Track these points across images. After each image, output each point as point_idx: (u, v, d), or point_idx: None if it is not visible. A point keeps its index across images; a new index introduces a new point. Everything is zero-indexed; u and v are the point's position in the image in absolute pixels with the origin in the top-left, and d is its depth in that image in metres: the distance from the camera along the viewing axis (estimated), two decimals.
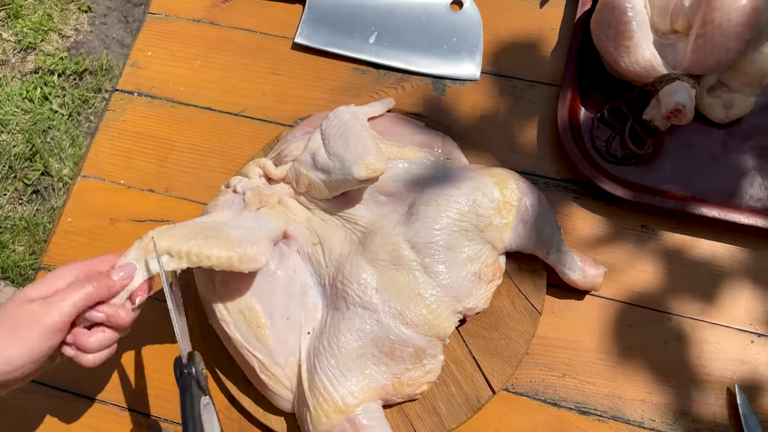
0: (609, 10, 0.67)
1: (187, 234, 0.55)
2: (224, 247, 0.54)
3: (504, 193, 0.62)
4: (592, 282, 0.64)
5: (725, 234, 0.66)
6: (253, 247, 0.55)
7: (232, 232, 0.56)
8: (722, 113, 0.68)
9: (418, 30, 0.77)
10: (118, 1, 2.00)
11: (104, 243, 0.72)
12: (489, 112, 0.74)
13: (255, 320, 0.60)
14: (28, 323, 0.49)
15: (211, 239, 0.55)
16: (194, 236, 0.55)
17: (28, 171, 1.77)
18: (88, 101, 1.84)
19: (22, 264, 1.65)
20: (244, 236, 0.56)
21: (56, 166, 1.76)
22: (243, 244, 0.55)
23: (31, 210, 1.72)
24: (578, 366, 0.63)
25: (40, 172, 1.76)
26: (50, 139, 1.79)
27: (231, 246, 0.55)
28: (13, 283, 1.64)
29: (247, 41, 0.80)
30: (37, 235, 1.69)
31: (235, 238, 0.55)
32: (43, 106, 1.83)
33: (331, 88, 0.77)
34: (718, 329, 0.63)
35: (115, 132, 0.78)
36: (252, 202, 0.62)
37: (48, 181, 1.76)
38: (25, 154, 1.77)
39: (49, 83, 1.85)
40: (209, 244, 0.54)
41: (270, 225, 0.60)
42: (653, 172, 0.69)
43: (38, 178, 1.75)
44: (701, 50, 0.63)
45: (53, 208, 1.72)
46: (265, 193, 0.64)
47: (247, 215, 0.61)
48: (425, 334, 0.59)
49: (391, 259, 0.60)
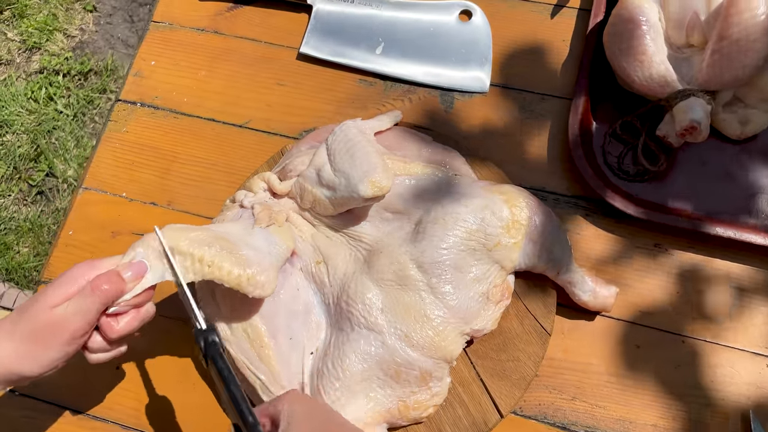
0: (622, 23, 0.65)
1: (204, 239, 0.54)
2: (236, 265, 0.53)
3: (513, 212, 0.60)
4: (603, 303, 0.62)
5: (740, 254, 0.64)
6: (263, 273, 0.54)
7: (244, 251, 0.55)
8: (738, 129, 0.66)
9: (426, 41, 0.76)
10: (124, 1, 1.99)
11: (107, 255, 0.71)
12: (498, 126, 0.72)
13: (258, 340, 0.58)
14: (54, 330, 0.49)
15: (225, 252, 0.54)
16: (210, 244, 0.54)
17: (32, 172, 1.76)
18: (93, 102, 1.83)
19: (27, 266, 1.64)
20: (256, 258, 0.55)
21: (61, 167, 1.75)
22: (254, 266, 0.54)
23: (36, 211, 1.71)
24: (588, 389, 0.62)
25: (44, 173, 1.75)
26: (55, 139, 1.79)
27: (243, 265, 0.54)
28: (18, 285, 1.63)
29: (251, 51, 0.79)
30: (42, 237, 1.68)
31: (247, 258, 0.54)
32: (47, 107, 1.82)
33: (336, 100, 0.75)
34: (732, 352, 0.62)
35: (118, 143, 0.76)
36: (262, 218, 0.61)
37: (52, 182, 1.75)
38: (29, 155, 1.77)
39: (54, 83, 1.85)
40: (222, 256, 0.53)
41: (279, 249, 0.59)
42: (666, 189, 0.67)
43: (43, 179, 1.75)
44: (717, 66, 0.61)
45: (58, 209, 1.72)
46: (274, 210, 0.63)
47: (257, 233, 0.59)
48: (432, 357, 0.58)
49: (397, 278, 0.59)
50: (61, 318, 0.49)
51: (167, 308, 0.68)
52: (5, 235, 1.68)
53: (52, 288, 0.51)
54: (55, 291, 0.51)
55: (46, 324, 0.49)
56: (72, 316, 0.50)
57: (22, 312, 0.50)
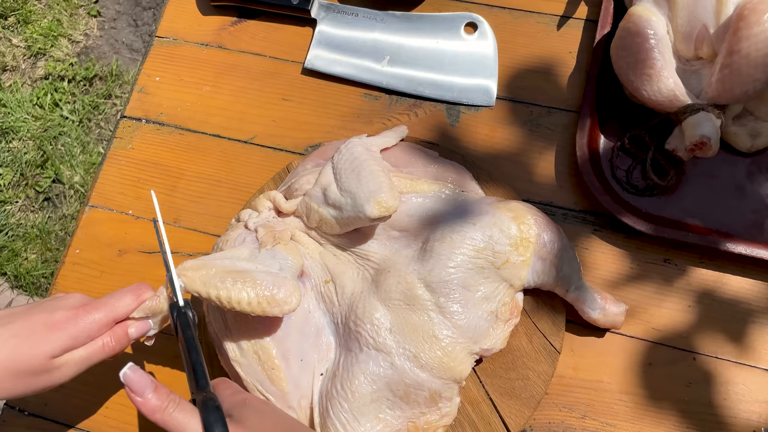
0: (630, 37, 0.65)
1: (216, 275, 0.54)
2: (253, 293, 0.54)
3: (521, 229, 0.60)
4: (613, 320, 0.62)
5: (752, 269, 0.64)
6: (282, 291, 0.54)
7: (257, 276, 0.55)
8: (748, 142, 0.66)
9: (432, 54, 0.75)
10: (128, 5, 1.99)
11: (113, 275, 0.71)
12: (505, 140, 0.72)
13: (269, 362, 0.58)
14: (44, 377, 0.50)
15: (239, 284, 0.54)
16: (223, 280, 0.54)
17: (39, 178, 1.77)
18: (99, 107, 1.83)
19: (35, 273, 1.65)
20: (270, 279, 0.55)
21: (67, 173, 1.76)
22: (270, 288, 0.54)
23: (43, 217, 1.72)
24: (599, 407, 0.62)
25: (51, 180, 1.75)
26: (61, 145, 1.79)
27: (259, 291, 0.54)
28: (26, 292, 1.64)
29: (256, 66, 0.78)
30: (49, 243, 1.69)
31: (262, 282, 0.55)
32: (53, 113, 1.83)
33: (341, 115, 0.75)
34: (744, 369, 0.61)
35: (123, 160, 0.76)
36: (266, 240, 0.61)
37: (59, 188, 1.76)
38: (36, 161, 1.77)
39: (60, 89, 1.85)
40: (237, 289, 0.54)
41: (290, 263, 0.59)
42: (676, 204, 0.66)
43: (50, 186, 1.75)
44: (727, 80, 0.60)
45: (65, 215, 1.72)
46: (277, 230, 0.62)
47: (265, 255, 0.59)
48: (441, 377, 0.58)
49: (404, 298, 0.59)
50: (57, 370, 0.51)
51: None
52: (13, 242, 1.69)
53: (53, 336, 0.50)
54: (55, 342, 0.50)
55: (38, 370, 0.50)
56: (70, 369, 0.51)
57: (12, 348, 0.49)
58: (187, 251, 0.71)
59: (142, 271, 0.71)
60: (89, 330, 0.52)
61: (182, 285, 0.54)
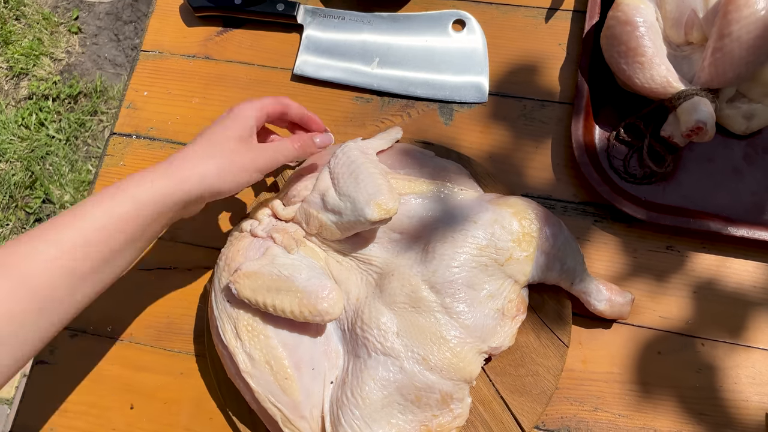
0: (620, 26, 0.64)
1: (263, 284, 0.57)
2: (296, 301, 0.56)
3: (523, 224, 0.60)
4: (619, 311, 0.61)
5: (755, 252, 0.64)
6: (325, 301, 0.56)
7: (302, 285, 0.57)
8: (743, 125, 0.66)
9: (421, 53, 0.75)
10: (108, 20, 1.97)
11: (115, 294, 0.70)
12: (500, 136, 0.71)
13: (282, 372, 0.57)
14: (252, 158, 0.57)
15: (283, 292, 0.57)
16: (269, 288, 0.57)
17: (29, 199, 1.75)
18: (85, 124, 1.82)
19: None
20: (312, 287, 0.57)
21: (57, 193, 1.74)
22: (312, 297, 0.56)
23: None
24: (610, 398, 0.61)
25: (41, 200, 1.74)
26: (49, 165, 1.77)
27: (303, 300, 0.56)
28: None
29: (244, 74, 0.77)
30: None
31: (305, 290, 0.57)
32: (39, 132, 1.81)
33: (334, 119, 0.74)
34: (753, 352, 0.61)
35: (116, 177, 0.75)
36: (288, 243, 0.61)
37: (50, 208, 1.74)
38: (24, 183, 1.75)
39: (44, 108, 1.83)
40: (281, 298, 0.56)
41: (318, 266, 0.61)
42: (675, 190, 0.66)
43: (40, 206, 1.74)
44: (720, 64, 0.60)
45: None
46: (290, 231, 0.62)
47: (298, 260, 0.60)
48: (451, 378, 0.57)
49: (410, 301, 0.58)
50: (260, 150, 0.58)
51: (179, 343, 0.67)
52: None
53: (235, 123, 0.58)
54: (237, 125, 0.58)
55: (246, 150, 0.57)
56: (271, 153, 0.59)
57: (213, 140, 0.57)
58: (186, 266, 0.70)
59: (142, 290, 0.70)
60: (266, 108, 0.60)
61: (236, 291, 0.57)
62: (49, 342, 0.50)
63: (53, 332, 0.50)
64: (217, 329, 0.59)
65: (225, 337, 0.58)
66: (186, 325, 0.68)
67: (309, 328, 0.60)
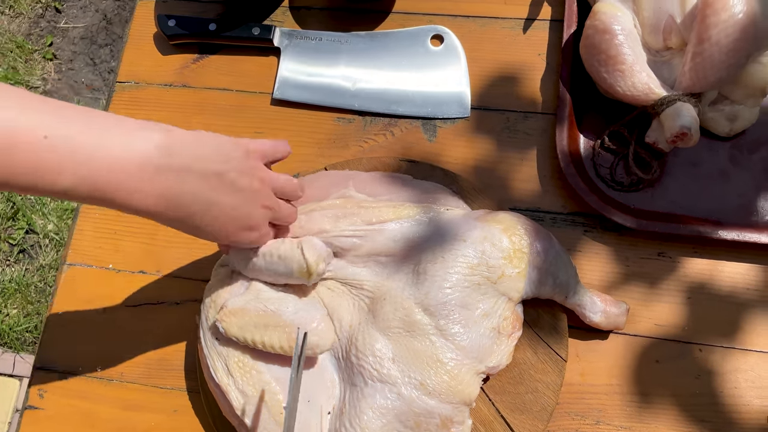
0: (598, 34, 0.64)
1: (250, 321, 0.56)
2: (285, 336, 0.55)
3: (513, 240, 0.59)
4: (615, 322, 0.61)
5: (746, 254, 0.64)
6: (316, 333, 0.56)
7: (290, 318, 0.56)
8: (726, 127, 0.66)
9: (401, 71, 0.74)
10: (83, 45, 1.95)
11: (101, 332, 0.69)
12: (485, 150, 0.71)
13: (277, 406, 0.56)
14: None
15: (270, 329, 0.56)
16: (257, 325, 0.56)
17: (11, 231, 1.72)
18: None
19: (18, 328, 1.61)
20: (298, 321, 0.56)
21: (40, 223, 1.72)
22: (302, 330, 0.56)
23: (20, 270, 1.68)
24: (611, 411, 0.61)
25: (24, 231, 1.71)
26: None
27: (292, 332, 0.55)
28: (12, 349, 1.60)
29: (224, 101, 0.76)
30: (29, 296, 1.65)
31: (294, 324, 0.56)
32: None
33: (317, 142, 0.73)
34: (751, 355, 0.61)
35: (98, 213, 0.74)
36: None
37: (34, 238, 1.71)
38: (6, 214, 1.73)
39: None
40: (269, 334, 0.56)
41: (307, 298, 0.60)
42: (662, 196, 0.66)
43: (23, 237, 1.71)
44: (700, 69, 0.60)
45: (42, 266, 1.68)
46: None
47: (284, 293, 0.59)
48: (450, 402, 0.56)
49: (404, 325, 0.58)
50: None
51: (171, 379, 0.66)
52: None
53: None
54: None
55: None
56: None
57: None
58: (174, 300, 0.69)
59: (130, 326, 0.69)
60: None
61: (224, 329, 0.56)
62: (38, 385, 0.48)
63: None
64: (207, 368, 0.58)
65: (216, 376, 0.57)
66: (177, 361, 0.67)
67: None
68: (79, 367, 0.68)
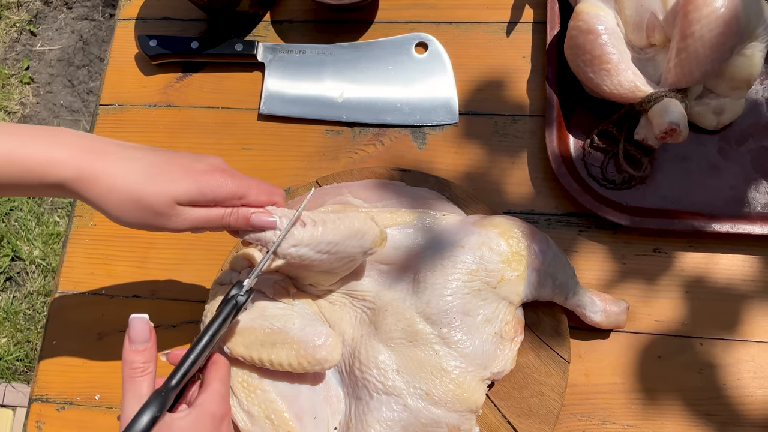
0: (582, 35, 0.64)
1: (256, 339, 0.55)
2: (292, 352, 0.54)
3: (510, 244, 0.59)
4: (615, 320, 0.61)
5: (741, 245, 0.64)
6: (322, 349, 0.54)
7: (296, 335, 0.55)
8: (713, 120, 0.66)
9: (387, 80, 0.74)
10: (60, 67, 1.93)
11: (97, 360, 0.68)
12: (475, 155, 0.71)
13: (283, 425, 0.56)
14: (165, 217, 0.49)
15: (278, 346, 0.55)
16: (263, 343, 0.55)
17: None
18: None
19: (8, 357, 1.58)
20: (305, 336, 0.55)
21: (26, 249, 1.69)
22: (309, 347, 0.55)
23: (8, 298, 1.65)
24: (617, 409, 0.61)
25: (10, 258, 1.69)
26: (14, 221, 1.72)
27: (298, 350, 0.54)
28: (2, 378, 1.57)
29: (210, 119, 0.76)
30: (18, 324, 1.62)
31: (300, 340, 0.55)
32: None
33: (306, 155, 0.73)
34: (752, 346, 0.61)
35: (87, 239, 0.73)
36: (280, 292, 0.59)
37: (20, 265, 1.69)
38: None
39: None
40: (276, 351, 0.54)
41: (312, 313, 0.59)
42: (655, 192, 0.66)
43: (9, 264, 1.69)
44: (685, 64, 0.61)
45: (30, 292, 1.65)
46: (276, 280, 0.60)
47: (289, 310, 0.58)
48: (457, 410, 0.56)
49: (406, 335, 0.57)
50: (175, 217, 0.49)
51: None
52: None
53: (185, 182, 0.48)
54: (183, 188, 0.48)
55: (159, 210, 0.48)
56: (185, 222, 0.49)
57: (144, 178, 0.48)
58: (171, 323, 0.68)
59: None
60: (218, 191, 0.49)
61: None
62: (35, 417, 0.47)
63: None
64: None
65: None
66: None
67: (306, 376, 0.58)
68: (76, 397, 0.67)
